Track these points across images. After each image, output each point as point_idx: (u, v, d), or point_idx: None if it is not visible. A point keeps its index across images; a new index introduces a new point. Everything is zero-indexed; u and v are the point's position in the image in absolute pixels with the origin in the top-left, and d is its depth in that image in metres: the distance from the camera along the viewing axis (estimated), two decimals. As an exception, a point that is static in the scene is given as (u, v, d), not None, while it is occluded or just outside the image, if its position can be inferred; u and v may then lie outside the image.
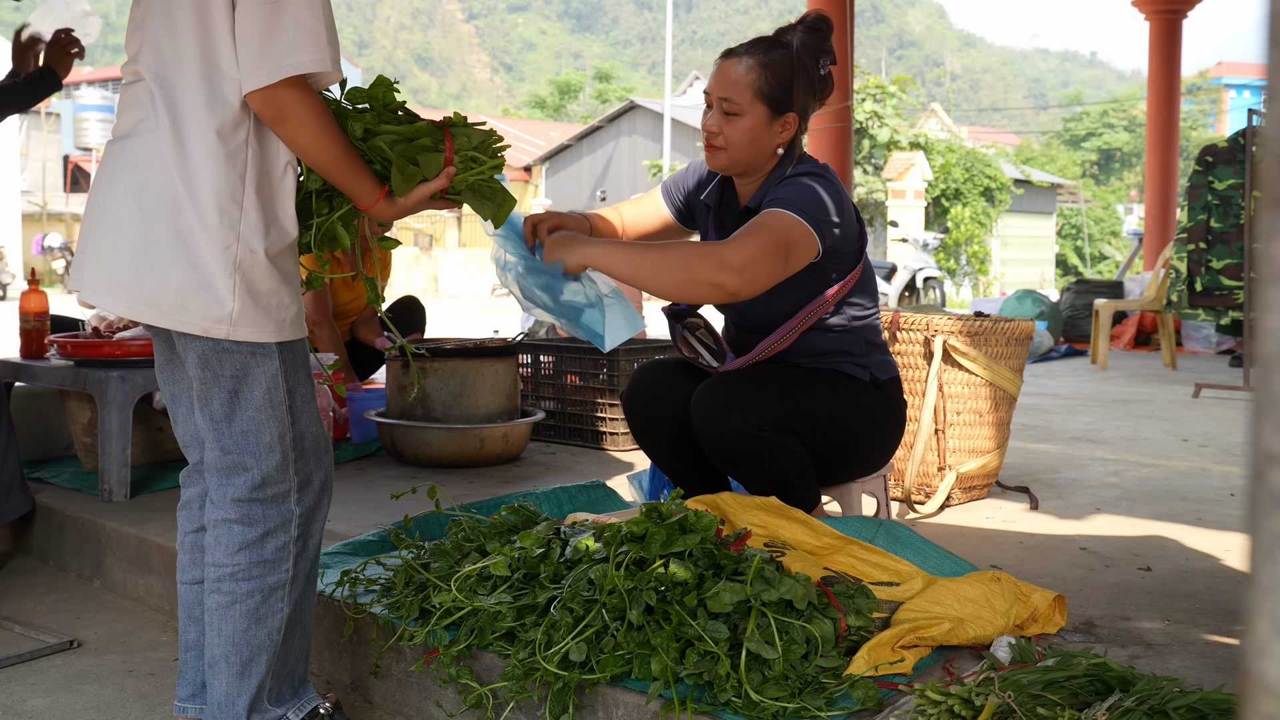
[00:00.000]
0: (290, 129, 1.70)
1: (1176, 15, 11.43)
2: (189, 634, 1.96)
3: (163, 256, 1.69)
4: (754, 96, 2.28)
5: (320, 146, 1.72)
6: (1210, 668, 1.91)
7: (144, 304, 1.70)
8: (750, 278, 2.11)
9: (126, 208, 1.71)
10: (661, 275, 2.11)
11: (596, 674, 1.77)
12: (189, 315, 1.70)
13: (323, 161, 1.74)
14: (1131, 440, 4.55)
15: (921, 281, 15.96)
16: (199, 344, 1.74)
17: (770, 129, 2.31)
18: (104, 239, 1.73)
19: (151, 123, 1.71)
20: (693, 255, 2.13)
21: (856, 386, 2.43)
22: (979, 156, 25.21)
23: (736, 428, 2.25)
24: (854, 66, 7.74)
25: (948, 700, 1.59)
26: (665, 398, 2.45)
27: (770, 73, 2.28)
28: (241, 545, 1.78)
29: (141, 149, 1.72)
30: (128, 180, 1.72)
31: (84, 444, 3.59)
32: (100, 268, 1.74)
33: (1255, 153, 4.71)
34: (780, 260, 2.17)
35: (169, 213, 1.69)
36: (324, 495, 1.88)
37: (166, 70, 1.72)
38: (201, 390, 1.77)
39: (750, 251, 2.12)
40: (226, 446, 1.78)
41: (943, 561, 2.31)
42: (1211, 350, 8.78)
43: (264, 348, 1.75)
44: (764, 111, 2.29)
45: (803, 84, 2.30)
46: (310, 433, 1.84)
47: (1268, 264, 0.51)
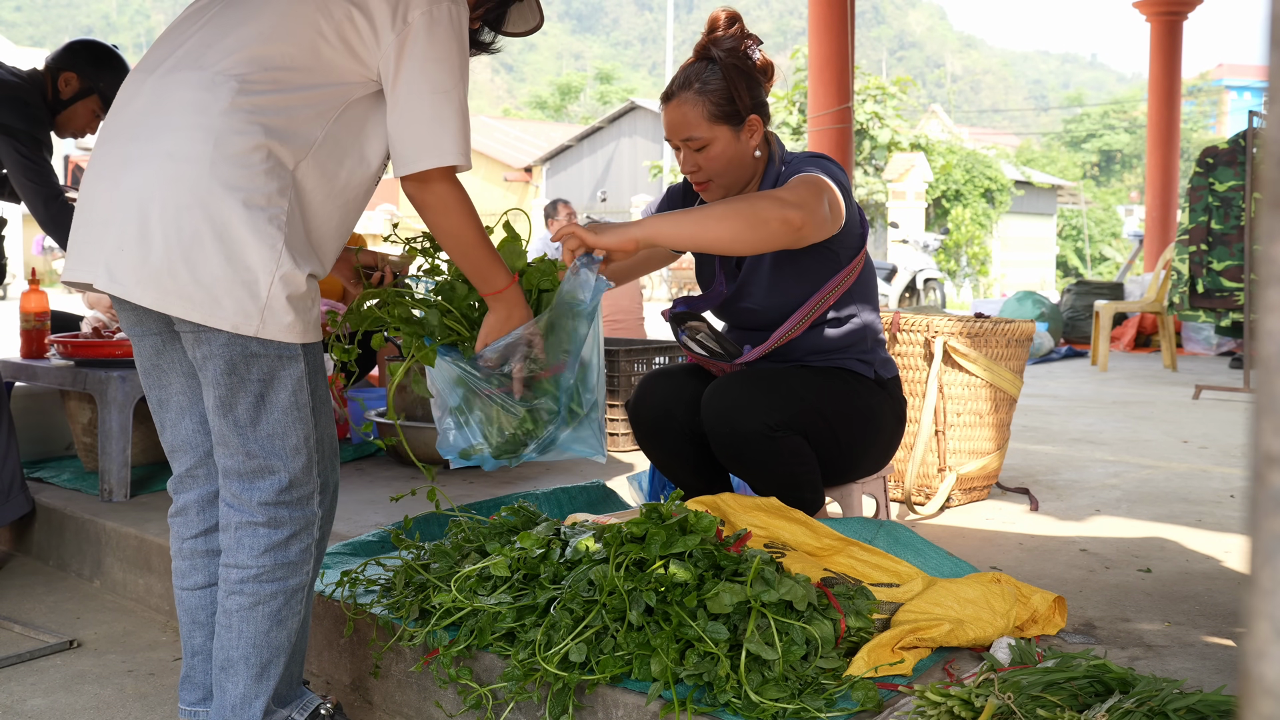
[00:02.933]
0: (437, 214, 1.81)
1: (1177, 17, 11.44)
2: (194, 639, 1.93)
3: (200, 250, 1.63)
4: (710, 124, 2.28)
5: (462, 231, 1.83)
6: (1210, 669, 1.91)
7: (175, 296, 1.65)
8: (810, 215, 2.09)
9: (161, 198, 1.65)
10: (728, 227, 2.04)
11: (596, 675, 1.77)
12: (220, 310, 1.65)
13: (462, 246, 1.84)
14: (1131, 442, 4.55)
15: (922, 283, 15.97)
16: (226, 349, 1.69)
17: (740, 141, 2.32)
18: (130, 228, 1.66)
19: (193, 116, 1.67)
20: (752, 201, 2.08)
21: (862, 385, 2.44)
22: (979, 158, 25.21)
23: (748, 428, 2.25)
24: (855, 67, 7.73)
25: (947, 701, 1.59)
26: (674, 409, 2.44)
27: (711, 94, 2.28)
28: (267, 547, 1.77)
29: (179, 141, 1.66)
30: (161, 170, 1.66)
31: (84, 444, 3.59)
32: (123, 256, 1.67)
33: (1256, 154, 4.70)
34: (824, 206, 2.15)
35: (209, 206, 1.63)
36: (335, 500, 1.88)
37: (217, 65, 1.70)
38: (226, 396, 1.73)
39: (802, 193, 2.11)
40: (252, 451, 1.75)
41: (943, 563, 2.31)
42: (1212, 352, 8.78)
43: (291, 349, 1.73)
44: (726, 130, 2.30)
45: (742, 85, 2.30)
46: (328, 436, 1.84)
47: (1268, 266, 0.51)
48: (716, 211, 2.06)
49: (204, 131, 1.66)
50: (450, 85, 1.75)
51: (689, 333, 2.46)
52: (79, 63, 3.55)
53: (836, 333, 2.43)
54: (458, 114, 1.76)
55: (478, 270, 1.88)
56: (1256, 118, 6.43)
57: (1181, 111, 12.39)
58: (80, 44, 3.62)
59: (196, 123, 1.67)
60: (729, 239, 2.05)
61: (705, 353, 2.44)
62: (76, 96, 3.55)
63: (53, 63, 3.55)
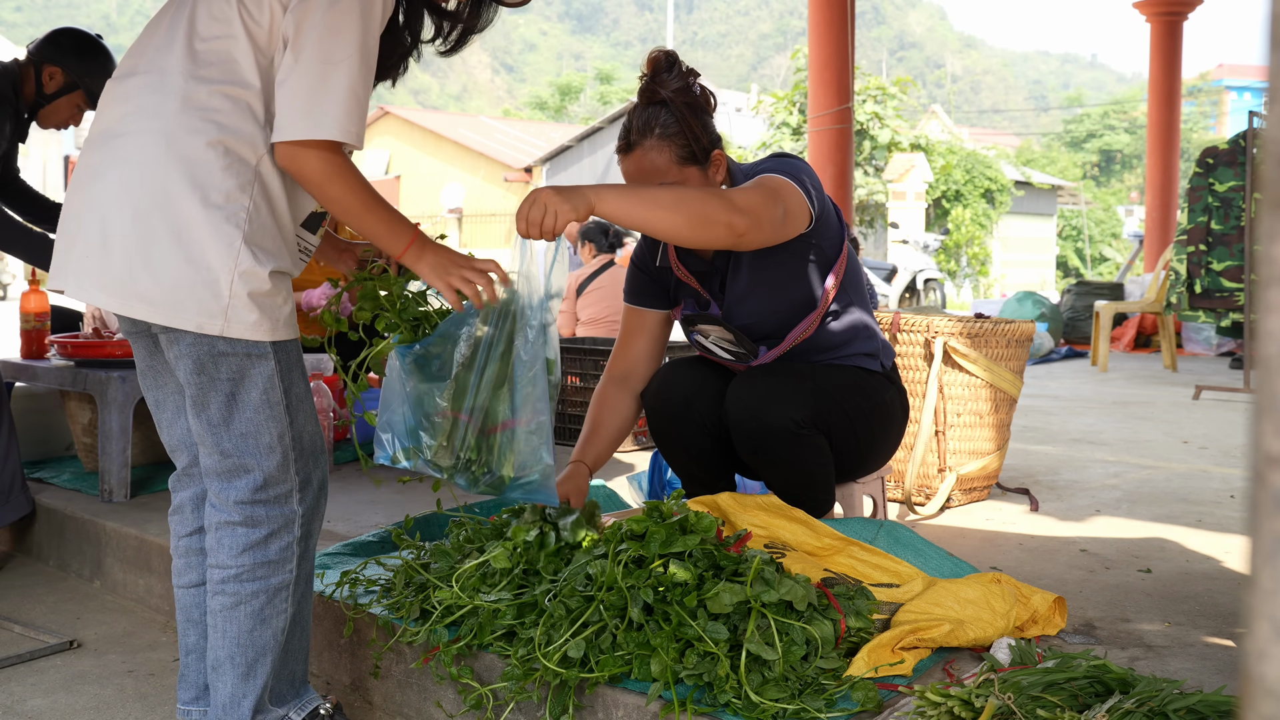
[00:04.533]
0: (319, 186, 1.72)
1: (1177, 17, 11.45)
2: (189, 637, 1.96)
3: (158, 252, 1.67)
4: (678, 165, 2.27)
5: (350, 195, 1.74)
6: (1210, 670, 1.91)
7: (136, 299, 1.68)
8: (756, 221, 2.09)
9: (118, 204, 1.69)
10: (675, 217, 2.03)
11: (596, 674, 1.77)
12: (183, 311, 1.68)
13: (355, 211, 1.75)
14: (1132, 442, 4.55)
15: (922, 283, 15.97)
16: (194, 349, 1.72)
17: (707, 176, 2.32)
18: (93, 235, 1.71)
19: (146, 120, 1.70)
20: (705, 197, 2.08)
21: (875, 380, 2.46)
22: (980, 158, 25.21)
23: (776, 423, 2.26)
24: (854, 68, 7.74)
25: (947, 702, 1.59)
26: (695, 400, 2.42)
27: (672, 138, 2.27)
28: (246, 547, 1.78)
29: (134, 145, 1.70)
30: (118, 176, 1.70)
31: (84, 444, 3.59)
32: (88, 263, 1.71)
33: (1256, 155, 4.71)
34: (779, 212, 2.15)
35: (166, 208, 1.67)
36: (322, 495, 1.88)
37: (167, 68, 1.72)
38: (197, 395, 1.76)
39: (754, 198, 2.11)
40: (226, 450, 1.77)
41: (943, 563, 2.31)
42: (1212, 352, 8.78)
43: (259, 348, 1.74)
44: (696, 171, 2.29)
45: (696, 123, 2.29)
46: (308, 432, 1.84)
47: (1268, 266, 0.51)
48: (666, 199, 2.04)
49: (156, 135, 1.69)
50: (342, 58, 1.68)
51: (701, 334, 2.46)
52: (63, 56, 3.48)
53: (839, 326, 2.44)
54: (346, 88, 1.68)
55: (376, 236, 1.81)
56: (1256, 118, 6.44)
57: (1181, 112, 12.39)
58: (64, 34, 3.55)
59: (149, 126, 1.70)
60: (670, 229, 2.04)
61: (721, 352, 2.44)
62: (61, 91, 3.51)
63: (36, 55, 3.49)
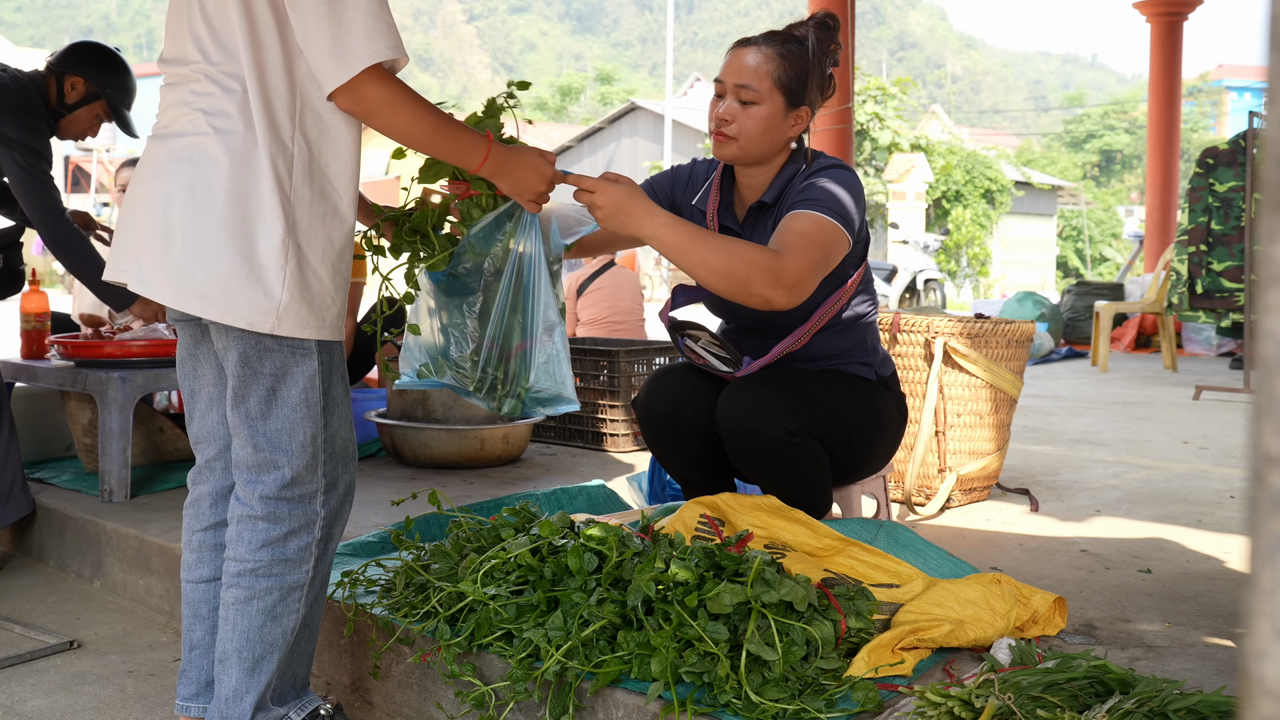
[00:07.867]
0: (383, 118, 1.71)
1: (1177, 17, 11.44)
2: (194, 633, 1.96)
3: (215, 249, 1.69)
4: (773, 85, 2.25)
5: (416, 123, 1.73)
6: (1210, 670, 1.91)
7: (192, 294, 1.71)
8: (799, 295, 2.08)
9: (178, 202, 1.71)
10: (714, 268, 2.02)
11: (596, 674, 1.77)
12: (236, 307, 1.70)
13: (422, 138, 1.75)
14: (1132, 442, 4.55)
15: (922, 283, 15.98)
16: (241, 341, 1.75)
17: (785, 120, 2.28)
18: (154, 232, 1.73)
19: (199, 120, 1.72)
20: (753, 263, 2.04)
21: (868, 386, 2.43)
22: (980, 158, 25.22)
23: (768, 432, 2.24)
24: (855, 68, 7.73)
25: (948, 702, 1.59)
26: (686, 405, 2.41)
27: (789, 63, 2.25)
28: (265, 542, 1.79)
29: (191, 145, 1.72)
30: (178, 174, 1.72)
31: (84, 444, 3.59)
32: (148, 258, 1.73)
33: (1256, 155, 4.70)
34: (824, 271, 2.15)
35: (222, 206, 1.69)
36: (347, 500, 1.89)
37: (211, 67, 1.73)
38: (239, 387, 1.77)
39: (804, 268, 2.08)
40: (259, 444, 1.79)
41: (943, 563, 2.31)
42: (1212, 352, 8.78)
43: (305, 346, 1.76)
44: (781, 101, 2.26)
45: (816, 79, 2.28)
46: (340, 436, 1.85)
47: (1268, 266, 0.51)
48: (720, 248, 2.03)
49: (215, 136, 1.71)
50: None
51: (689, 340, 2.44)
52: (85, 67, 3.53)
53: (840, 337, 2.42)
54: (361, 12, 1.66)
55: (452, 155, 1.82)
56: (1256, 118, 6.43)
57: (1182, 112, 12.39)
58: (84, 46, 3.60)
59: (210, 126, 1.72)
60: (707, 275, 2.04)
61: (709, 356, 2.42)
62: (82, 101, 3.54)
63: (57, 65, 3.52)
